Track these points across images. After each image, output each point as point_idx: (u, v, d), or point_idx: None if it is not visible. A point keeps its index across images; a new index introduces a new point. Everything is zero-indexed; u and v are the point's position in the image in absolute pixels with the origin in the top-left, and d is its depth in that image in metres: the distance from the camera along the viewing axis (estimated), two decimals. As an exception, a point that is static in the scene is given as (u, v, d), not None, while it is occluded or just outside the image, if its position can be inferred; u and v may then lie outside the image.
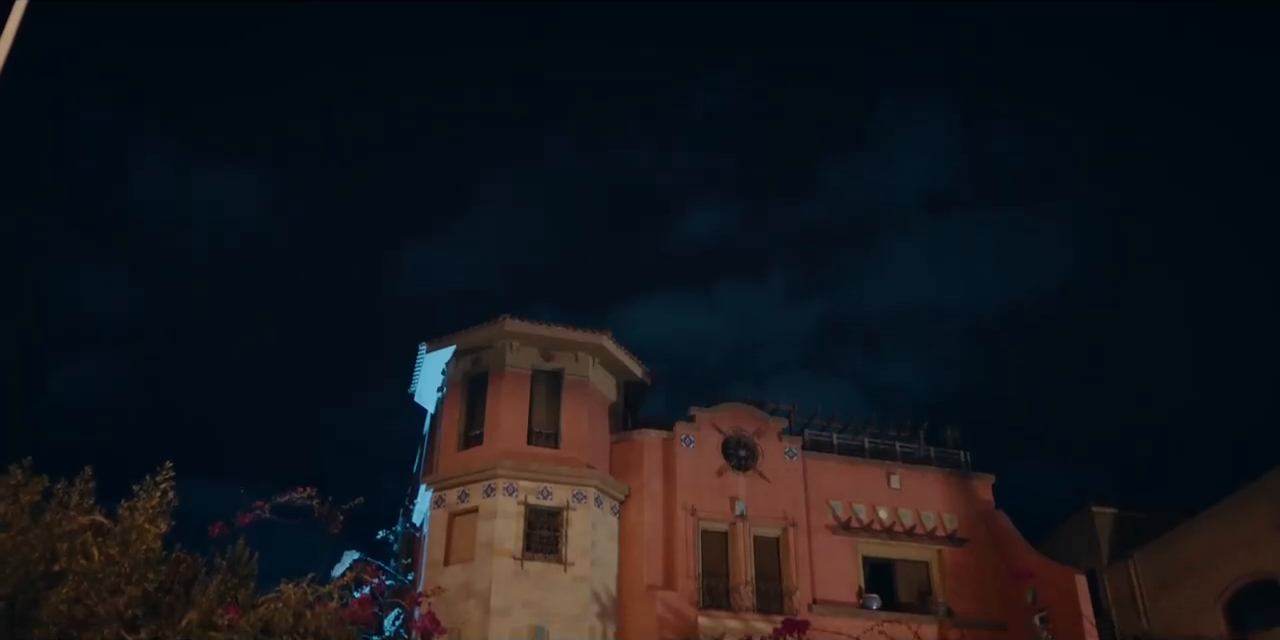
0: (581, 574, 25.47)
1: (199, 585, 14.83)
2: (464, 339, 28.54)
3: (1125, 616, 28.86)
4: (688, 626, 25.31)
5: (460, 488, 26.46)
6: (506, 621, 24.20)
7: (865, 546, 28.78)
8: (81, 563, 13.22)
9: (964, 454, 31.26)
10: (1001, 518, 29.75)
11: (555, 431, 27.68)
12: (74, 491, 14.19)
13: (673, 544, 26.84)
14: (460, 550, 25.65)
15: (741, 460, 28.49)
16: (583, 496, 26.45)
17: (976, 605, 28.29)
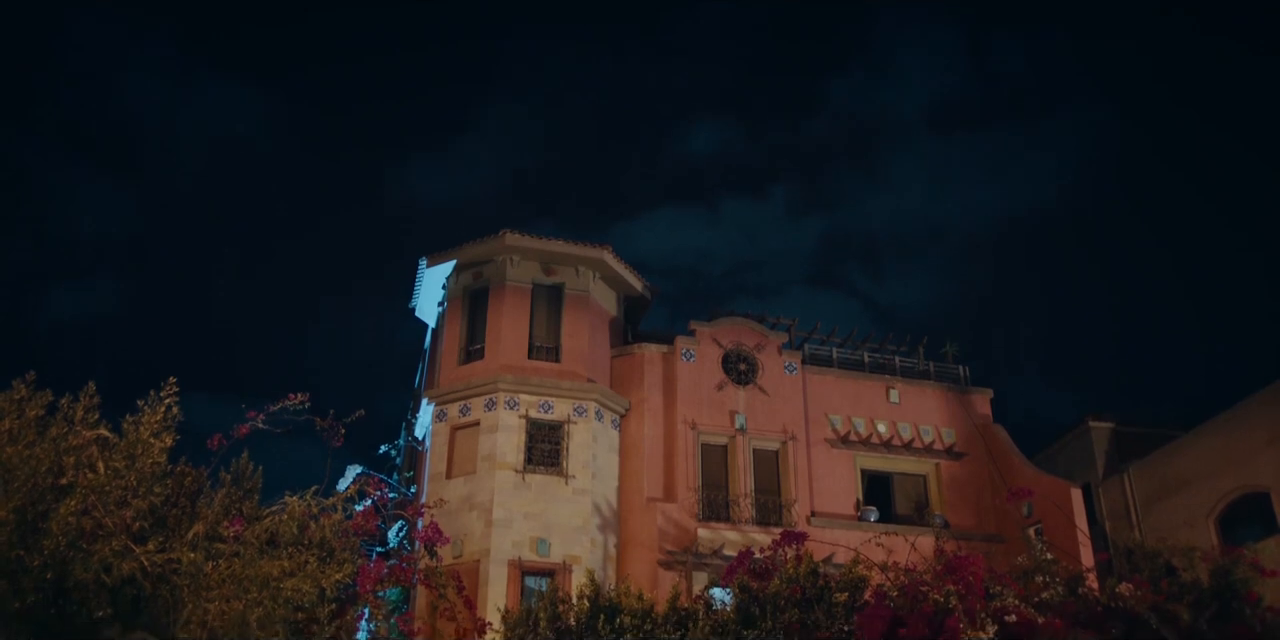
0: (582, 487, 25.74)
1: (204, 498, 15.01)
2: (464, 253, 28.47)
3: (1119, 529, 29.25)
4: (688, 538, 25.65)
5: (461, 402, 26.63)
6: (508, 533, 24.53)
7: (863, 460, 29.05)
8: (88, 476, 13.35)
9: (963, 369, 31.41)
10: (999, 432, 29.99)
11: (556, 346, 27.78)
12: (78, 407, 14.26)
13: (673, 457, 27.08)
14: (462, 463, 25.91)
15: (741, 374, 28.61)
16: (583, 410, 26.63)
17: (973, 518, 28.66)
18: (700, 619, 15.51)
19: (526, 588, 23.86)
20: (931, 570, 15.66)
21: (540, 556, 24.51)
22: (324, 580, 13.85)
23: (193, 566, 13.05)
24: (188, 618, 12.85)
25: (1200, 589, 15.94)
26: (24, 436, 13.51)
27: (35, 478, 13.14)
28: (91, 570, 12.58)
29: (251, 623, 12.88)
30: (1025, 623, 14.89)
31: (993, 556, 19.08)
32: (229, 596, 12.90)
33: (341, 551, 14.83)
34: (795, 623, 15.12)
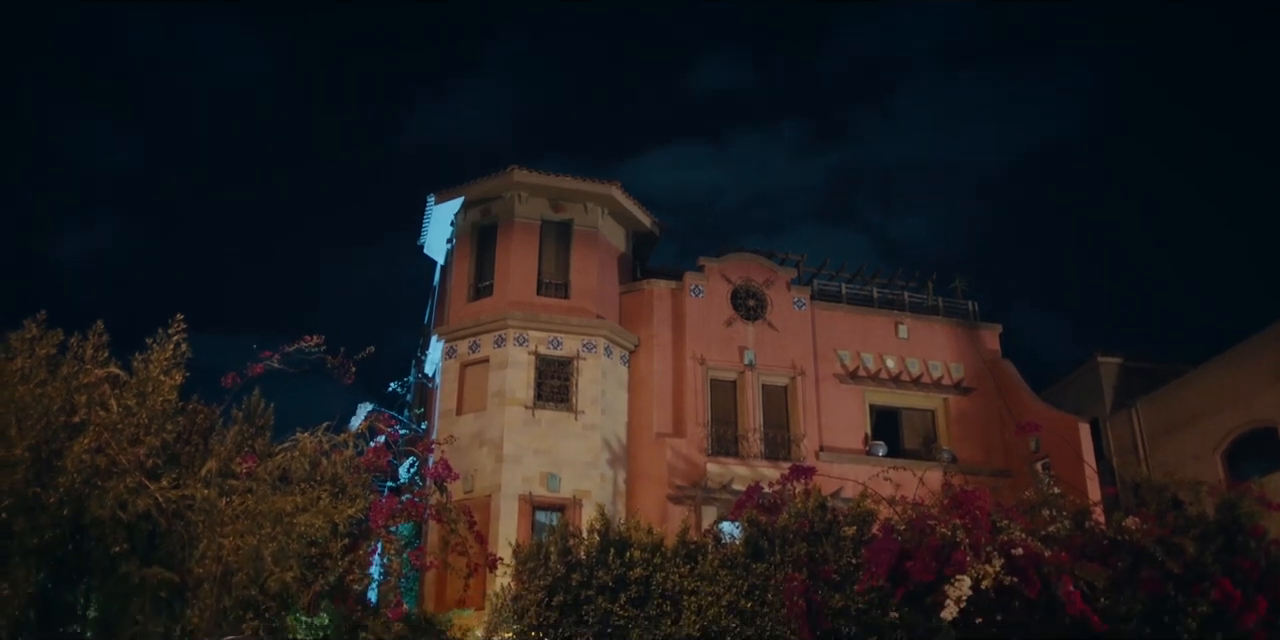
0: (592, 422, 25.86)
1: (216, 435, 15.14)
2: (473, 190, 28.34)
3: (1126, 464, 29.36)
4: (697, 473, 25.81)
5: (471, 338, 26.68)
6: (518, 469, 24.69)
7: (872, 395, 29.10)
8: (100, 414, 13.46)
9: (972, 304, 31.35)
10: (1008, 367, 29.99)
11: (564, 282, 27.75)
12: (88, 345, 14.33)
13: (682, 393, 27.16)
14: (472, 400, 26.01)
15: (750, 310, 28.59)
16: (592, 346, 26.67)
17: (981, 452, 28.78)
18: (709, 553, 15.66)
19: (537, 522, 24.05)
20: (939, 504, 15.72)
21: (550, 491, 24.69)
22: (336, 515, 14.01)
23: (207, 502, 13.20)
24: (203, 553, 13.02)
25: (1206, 522, 16.00)
26: (36, 375, 13.60)
27: (48, 416, 13.26)
28: (107, 507, 12.73)
29: (266, 557, 13.04)
30: (1031, 556, 14.96)
31: (1000, 491, 19.17)
32: (243, 532, 13.06)
33: (353, 487, 15.00)
34: (803, 556, 15.25)
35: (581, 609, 14.87)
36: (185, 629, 12.52)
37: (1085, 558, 15.15)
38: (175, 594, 13.07)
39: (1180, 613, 15.02)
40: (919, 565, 14.55)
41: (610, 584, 14.97)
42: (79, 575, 13.35)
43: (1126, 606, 15.05)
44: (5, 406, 13.27)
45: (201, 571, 12.94)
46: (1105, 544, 15.85)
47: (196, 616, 12.70)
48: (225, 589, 12.92)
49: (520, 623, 15.21)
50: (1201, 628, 14.97)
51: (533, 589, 15.24)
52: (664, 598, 14.91)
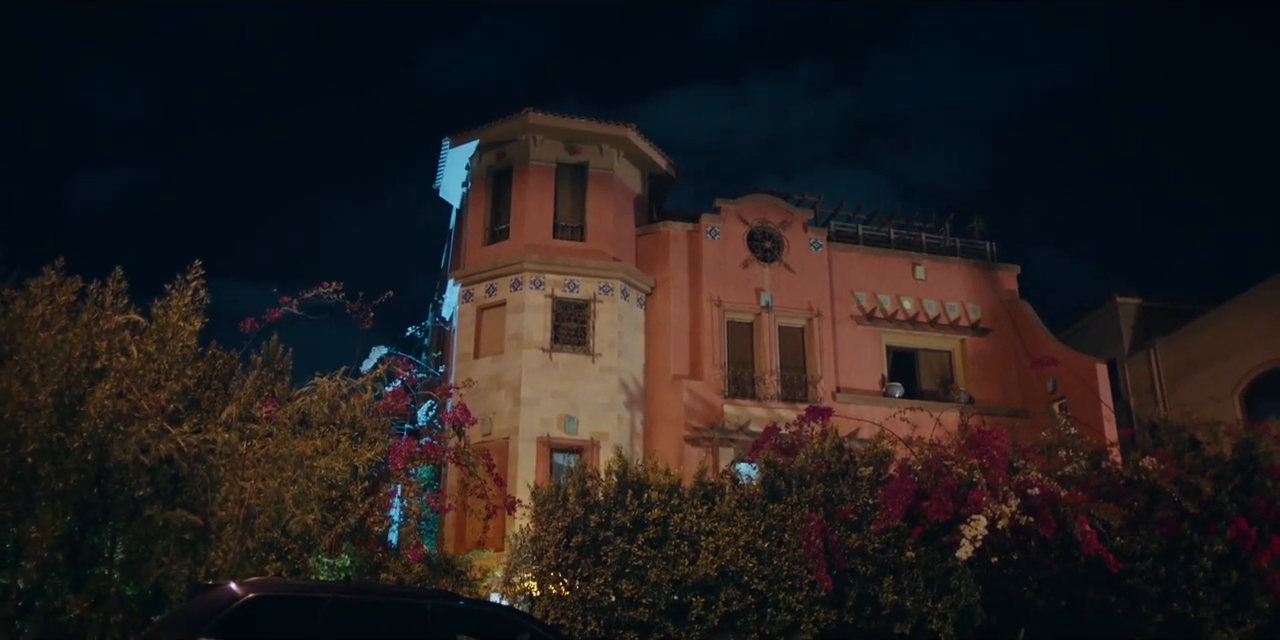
0: (609, 365, 25.93)
1: (236, 380, 15.22)
2: (487, 133, 28.21)
3: (1143, 405, 29.32)
4: (714, 415, 25.90)
5: (488, 282, 26.69)
6: (536, 411, 24.81)
7: (889, 336, 29.08)
8: (121, 360, 13.54)
9: (989, 245, 31.20)
10: (1025, 308, 29.91)
11: (580, 225, 27.69)
12: (107, 292, 14.39)
13: (698, 335, 27.18)
14: (489, 343, 26.08)
15: (767, 252, 28.51)
16: (609, 289, 26.66)
17: (997, 393, 28.79)
18: (727, 493, 15.75)
19: (555, 464, 24.21)
20: (956, 445, 15.79)
21: (568, 434, 24.83)
22: (356, 459, 14.11)
23: (228, 446, 13.31)
24: (225, 496, 13.14)
25: (1223, 462, 16.04)
26: (56, 322, 13.68)
27: (70, 362, 13.35)
28: (130, 451, 12.84)
29: (287, 500, 13.16)
30: (1048, 496, 15.04)
31: (1017, 432, 19.20)
32: (264, 475, 13.18)
33: (372, 431, 15.09)
34: (820, 497, 15.33)
35: (600, 549, 15.00)
36: (209, 570, 12.68)
37: (1101, 497, 15.23)
38: (199, 536, 13.23)
39: (1195, 552, 15.11)
40: (935, 505, 14.64)
41: (628, 525, 15.08)
42: (104, 518, 13.51)
43: (1142, 545, 15.15)
44: (28, 353, 13.37)
45: (224, 514, 13.08)
46: (1121, 484, 15.92)
47: (220, 558, 12.86)
48: (248, 531, 13.06)
49: (539, 563, 15.36)
50: (1216, 567, 15.06)
51: (551, 530, 15.37)
52: (681, 538, 15.03)
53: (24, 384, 13.05)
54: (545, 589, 15.24)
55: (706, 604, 14.69)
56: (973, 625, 14.84)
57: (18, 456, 12.77)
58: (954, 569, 15.02)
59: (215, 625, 8.30)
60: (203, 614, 8.46)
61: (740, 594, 14.77)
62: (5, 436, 12.81)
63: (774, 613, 14.73)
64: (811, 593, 14.75)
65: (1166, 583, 15.05)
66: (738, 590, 14.78)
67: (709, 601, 14.71)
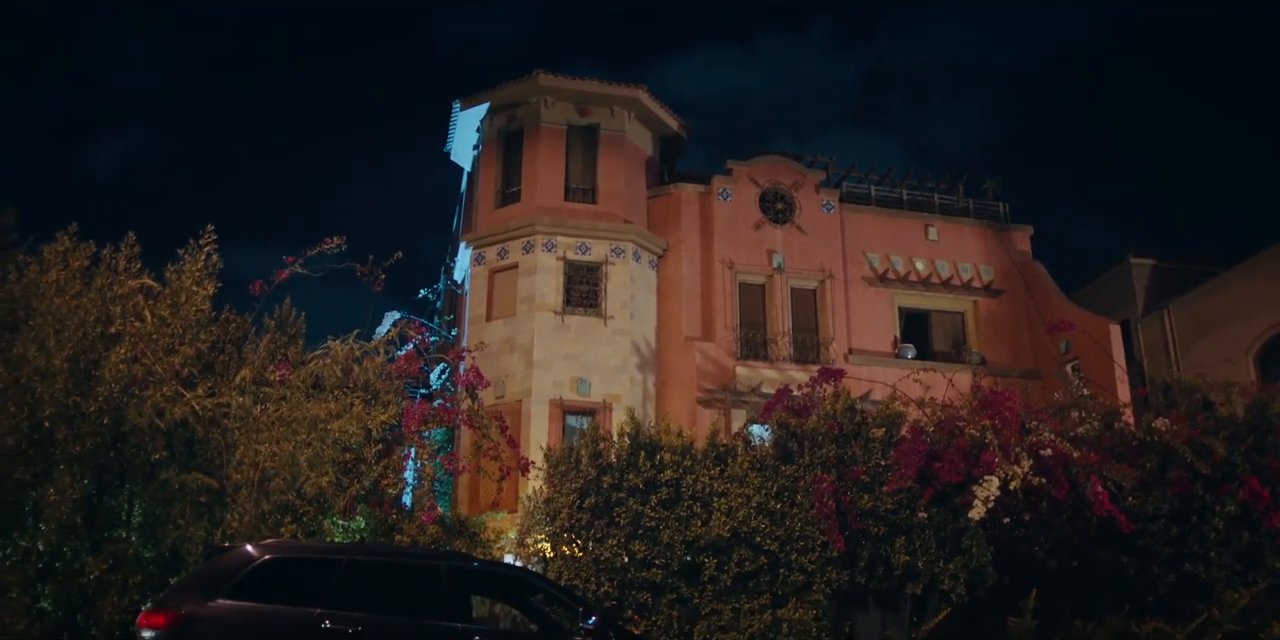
0: (621, 327, 25.96)
1: (250, 344, 15.27)
2: (498, 95, 28.11)
3: (1157, 366, 29.29)
4: (726, 376, 25.94)
5: (499, 244, 26.70)
6: (549, 374, 24.88)
7: (901, 297, 29.05)
8: (135, 325, 13.58)
9: (1003, 206, 31.07)
10: (1038, 269, 29.82)
11: (592, 187, 27.63)
12: (120, 257, 14.41)
13: (710, 297, 27.18)
14: (502, 306, 26.12)
15: (779, 213, 28.43)
16: (621, 251, 26.64)
17: (1010, 354, 28.78)
18: (739, 455, 15.77)
19: (568, 426, 24.31)
20: (968, 406, 15.78)
21: (581, 396, 24.90)
22: (369, 421, 14.16)
23: (242, 410, 13.36)
24: (240, 459, 13.21)
25: (1236, 423, 16.01)
26: (71, 287, 13.71)
27: (85, 327, 13.39)
28: (145, 415, 12.91)
29: (302, 463, 13.23)
30: (1060, 457, 15.04)
31: (1029, 393, 19.20)
32: (279, 438, 13.23)
33: (385, 394, 15.13)
34: (832, 458, 15.35)
35: (613, 511, 15.05)
36: (225, 532, 12.77)
37: (1114, 458, 15.23)
38: (215, 499, 13.31)
39: (1208, 512, 15.12)
40: (948, 466, 14.65)
41: (641, 486, 15.12)
42: (121, 481, 13.60)
43: (1154, 506, 15.16)
44: (42, 318, 13.42)
45: (239, 477, 13.16)
46: (1134, 445, 15.92)
47: (236, 520, 12.94)
48: (263, 494, 13.14)
49: (552, 524, 15.43)
50: (1228, 527, 15.08)
51: (564, 492, 15.43)
52: (694, 499, 15.07)
53: (39, 349, 13.11)
54: (559, 550, 15.32)
55: (719, 565, 14.76)
56: (984, 585, 14.90)
57: (35, 421, 12.85)
58: (966, 530, 15.06)
59: (232, 586, 8.38)
60: (219, 575, 8.54)
61: (753, 555, 14.83)
62: (22, 401, 12.88)
63: (786, 573, 14.81)
64: (824, 553, 14.81)
65: (1178, 543, 15.08)
66: (750, 551, 14.84)
67: (721, 562, 14.78)
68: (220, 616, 8.21)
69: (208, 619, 8.18)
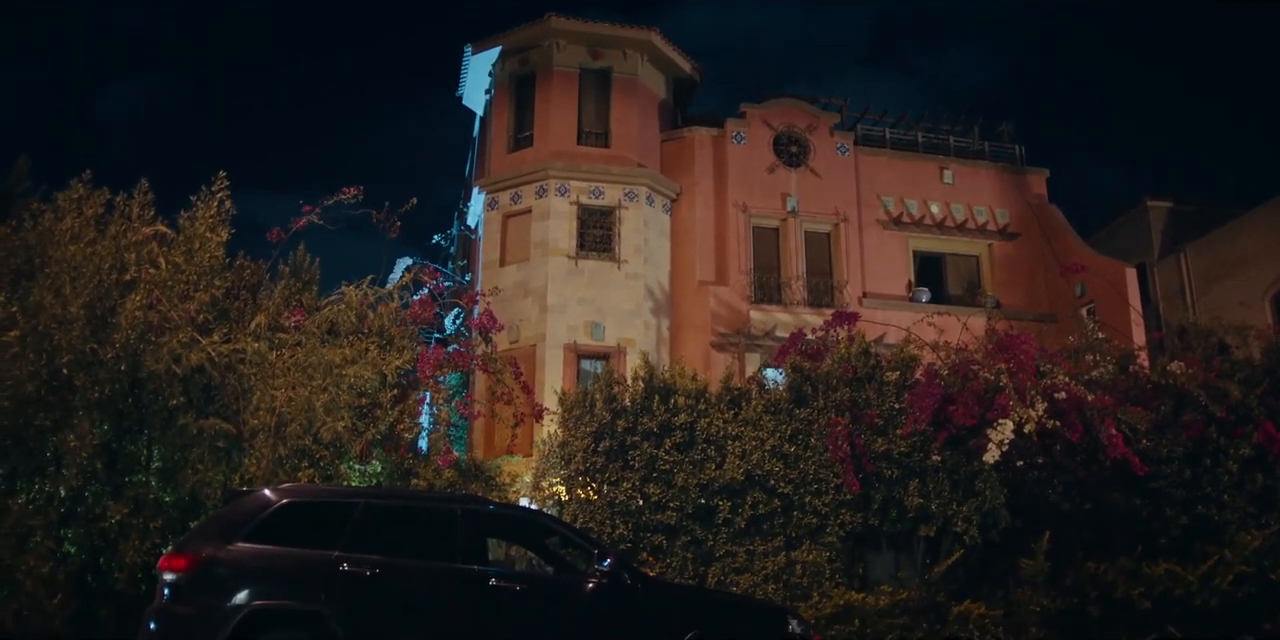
0: (635, 271, 25.92)
1: (264, 290, 15.29)
2: (510, 39, 27.85)
3: (1173, 310, 29.17)
4: (740, 320, 25.93)
5: (512, 189, 26.61)
6: (563, 318, 24.90)
7: (916, 241, 28.91)
8: (150, 272, 13.61)
9: (1018, 149, 30.78)
10: (1054, 212, 29.62)
11: (605, 131, 27.46)
12: (134, 204, 14.41)
13: (724, 240, 27.09)
14: (515, 251, 26.08)
15: (793, 156, 28.25)
16: (634, 195, 26.54)
17: (1025, 298, 28.67)
18: (753, 398, 15.81)
19: (582, 371, 24.35)
20: (983, 349, 15.76)
21: (595, 340, 24.93)
22: (385, 366, 14.21)
23: (257, 356, 13.42)
24: (257, 404, 13.29)
25: (1252, 366, 15.99)
26: (85, 235, 13.74)
27: (100, 274, 13.43)
28: (162, 361, 12.98)
29: (318, 408, 13.30)
30: (1074, 400, 15.07)
31: (1044, 336, 19.17)
32: (294, 384, 13.30)
33: (400, 339, 15.16)
34: (846, 401, 15.39)
35: (627, 454, 15.14)
36: (243, 477, 12.88)
37: (1128, 401, 15.24)
38: (232, 444, 13.41)
39: (1221, 455, 15.15)
40: (962, 409, 14.69)
41: (655, 430, 15.19)
42: (140, 427, 13.71)
43: (1168, 449, 15.20)
44: (58, 266, 13.46)
45: (256, 422, 13.24)
46: (1149, 388, 15.92)
47: (253, 465, 13.05)
48: (279, 439, 13.22)
49: (567, 468, 15.52)
50: (1242, 470, 15.12)
51: (579, 436, 15.50)
52: (708, 443, 15.14)
53: (56, 296, 13.16)
54: (573, 493, 15.43)
55: (733, 507, 14.87)
56: (997, 528, 14.99)
57: (53, 367, 12.94)
58: (979, 472, 15.12)
59: (251, 530, 8.46)
60: (239, 519, 8.62)
61: (766, 497, 14.93)
62: (40, 348, 12.96)
63: (800, 516, 14.91)
64: (837, 496, 14.90)
65: (1192, 486, 15.13)
66: (764, 494, 14.94)
67: (735, 505, 14.89)
68: (239, 559, 8.31)
69: (227, 561, 8.27)
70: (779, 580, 14.42)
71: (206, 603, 8.10)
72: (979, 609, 13.74)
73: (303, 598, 8.25)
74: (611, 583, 8.84)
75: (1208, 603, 13.63)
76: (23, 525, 12.41)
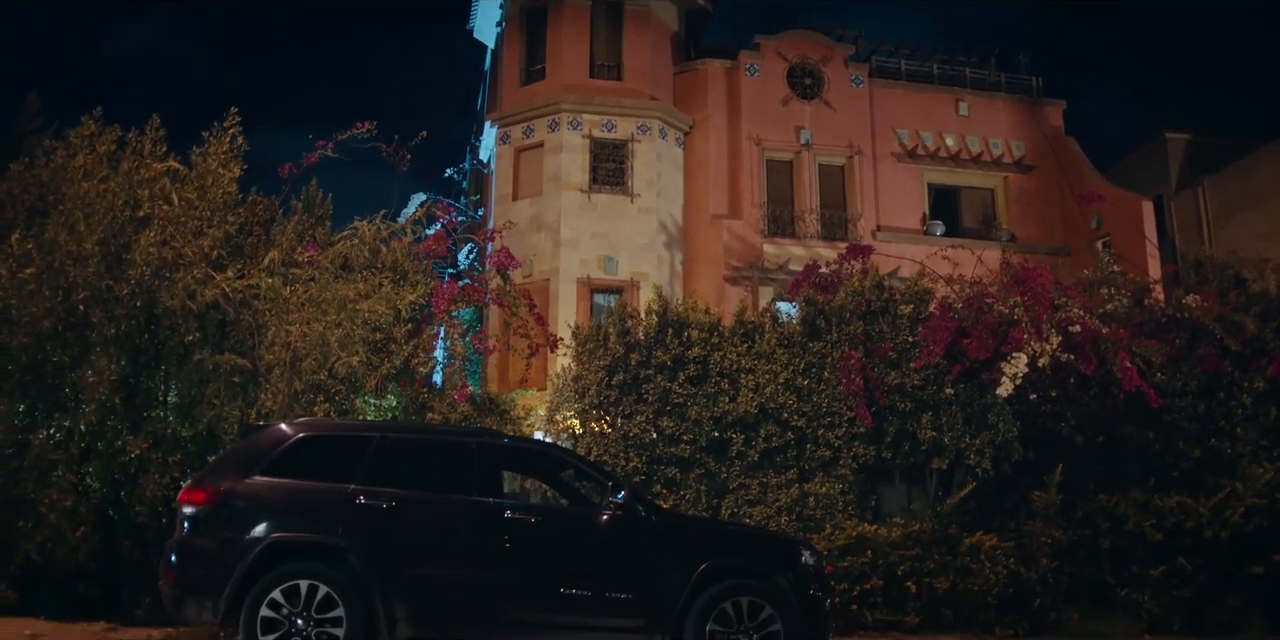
0: (648, 205, 25.84)
1: (277, 226, 15.27)
2: (520, -31, 27.53)
3: (1189, 243, 28.93)
4: (753, 254, 25.88)
5: (525, 123, 26.45)
6: (576, 252, 24.88)
7: (931, 174, 28.72)
8: (163, 208, 13.60)
9: (1035, 80, 30.42)
10: (1070, 144, 29.36)
11: (617, 63, 27.21)
12: (145, 140, 14.35)
13: (737, 174, 26.95)
14: (528, 185, 26.00)
15: (807, 88, 27.99)
16: (647, 128, 26.36)
17: (1040, 231, 28.53)
18: (766, 332, 15.81)
19: (595, 305, 24.39)
20: (997, 282, 15.70)
21: (608, 274, 24.94)
22: (398, 301, 14.22)
23: (271, 291, 13.44)
24: (271, 340, 13.34)
25: (1268, 299, 15.93)
26: (98, 171, 13.72)
27: (113, 211, 13.43)
28: (177, 297, 13.01)
29: (332, 343, 13.34)
30: (1089, 333, 15.04)
31: (1059, 269, 19.05)
32: (309, 319, 13.33)
33: (414, 274, 15.16)
34: (860, 334, 15.38)
35: (641, 387, 15.18)
36: (259, 412, 12.95)
37: (1143, 335, 15.21)
38: (248, 379, 13.47)
39: (1235, 388, 15.16)
40: (976, 343, 14.67)
41: (668, 363, 15.22)
42: (157, 363, 13.78)
43: (1182, 382, 15.20)
44: (72, 203, 13.46)
45: (271, 357, 13.29)
46: (1164, 321, 15.88)
47: (269, 400, 13.12)
48: (295, 374, 13.28)
49: (581, 401, 15.58)
50: (1256, 403, 15.13)
51: (593, 369, 15.54)
52: (721, 376, 15.17)
53: (70, 233, 13.17)
54: (587, 426, 15.50)
55: (746, 440, 14.94)
56: (1010, 460, 15.05)
57: (69, 304, 12.99)
58: (993, 406, 15.15)
59: (268, 464, 8.54)
60: (256, 453, 8.70)
61: (780, 430, 14.99)
62: (56, 285, 13.01)
63: (813, 448, 14.98)
64: (850, 429, 14.96)
65: (1204, 419, 15.15)
66: (777, 427, 15.00)
67: (749, 438, 14.96)
68: (257, 492, 8.40)
69: (245, 495, 8.36)
70: (792, 512, 14.54)
71: (226, 535, 8.21)
72: (990, 541, 13.86)
73: (320, 530, 8.34)
74: (625, 515, 8.91)
75: (1218, 534, 13.71)
76: (44, 460, 12.56)
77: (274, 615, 7.98)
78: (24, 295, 12.85)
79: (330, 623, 8.04)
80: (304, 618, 8.01)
